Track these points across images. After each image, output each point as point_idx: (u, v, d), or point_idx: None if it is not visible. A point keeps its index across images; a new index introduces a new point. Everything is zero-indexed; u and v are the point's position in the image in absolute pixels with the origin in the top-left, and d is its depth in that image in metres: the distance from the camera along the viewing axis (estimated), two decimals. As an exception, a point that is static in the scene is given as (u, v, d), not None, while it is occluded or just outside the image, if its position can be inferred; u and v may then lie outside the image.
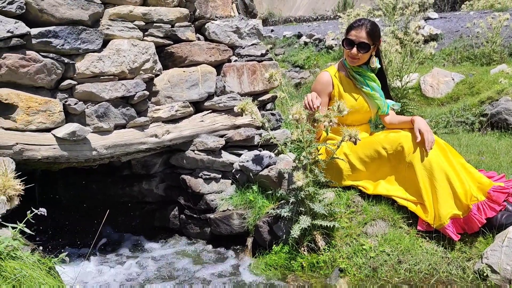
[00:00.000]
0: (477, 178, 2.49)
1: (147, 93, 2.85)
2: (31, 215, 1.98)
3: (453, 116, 4.90)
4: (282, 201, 2.82)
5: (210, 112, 3.21)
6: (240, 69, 3.33)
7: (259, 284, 2.46)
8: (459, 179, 2.43)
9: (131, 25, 2.80)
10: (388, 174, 2.68)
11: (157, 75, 2.97)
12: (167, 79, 3.00)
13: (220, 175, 3.14)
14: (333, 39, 8.08)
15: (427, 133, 2.51)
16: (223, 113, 3.24)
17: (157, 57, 2.94)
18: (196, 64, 3.13)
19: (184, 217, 3.26)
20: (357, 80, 2.83)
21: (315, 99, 2.54)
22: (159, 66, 2.96)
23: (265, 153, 3.06)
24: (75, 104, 2.57)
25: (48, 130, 2.53)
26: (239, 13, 3.50)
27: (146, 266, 2.82)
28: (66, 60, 2.52)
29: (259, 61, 3.44)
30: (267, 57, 3.49)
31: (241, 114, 2.72)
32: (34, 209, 1.99)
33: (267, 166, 2.99)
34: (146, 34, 2.90)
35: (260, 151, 3.12)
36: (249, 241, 2.88)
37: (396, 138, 2.61)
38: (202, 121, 3.14)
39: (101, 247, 3.15)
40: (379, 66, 2.86)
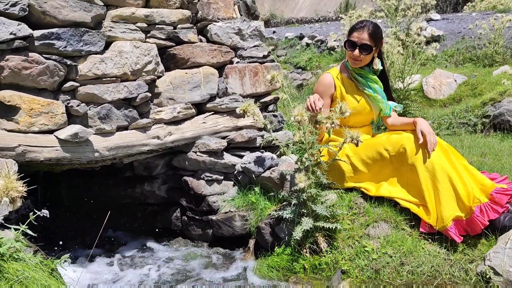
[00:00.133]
0: (479, 180, 2.48)
1: (149, 94, 2.85)
2: (34, 216, 1.98)
3: (456, 118, 4.88)
4: (284, 203, 2.82)
5: (212, 114, 3.21)
6: (242, 70, 3.33)
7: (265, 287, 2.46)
8: (461, 181, 2.42)
9: (134, 27, 2.81)
10: (390, 176, 2.67)
11: (159, 77, 2.97)
12: (169, 80, 3.01)
13: (222, 177, 3.14)
14: (335, 40, 8.08)
15: (429, 134, 2.50)
16: (225, 115, 3.24)
17: (159, 59, 2.94)
18: (198, 65, 3.14)
19: (186, 218, 3.26)
20: (359, 82, 2.83)
21: (317, 100, 2.53)
22: (161, 67, 2.97)
23: (267, 154, 3.06)
24: (78, 106, 2.58)
25: (51, 132, 2.54)
26: (241, 15, 3.50)
27: (150, 268, 2.82)
28: (69, 62, 2.53)
29: (261, 63, 3.44)
30: (269, 58, 3.49)
31: (243, 115, 2.72)
32: (36, 211, 2.00)
33: (269, 168, 2.99)
34: (148, 36, 2.90)
35: (262, 152, 3.12)
36: (251, 242, 2.88)
37: (398, 139, 2.61)
38: (204, 122, 3.14)
39: (103, 249, 3.15)
40: (381, 67, 2.85)
